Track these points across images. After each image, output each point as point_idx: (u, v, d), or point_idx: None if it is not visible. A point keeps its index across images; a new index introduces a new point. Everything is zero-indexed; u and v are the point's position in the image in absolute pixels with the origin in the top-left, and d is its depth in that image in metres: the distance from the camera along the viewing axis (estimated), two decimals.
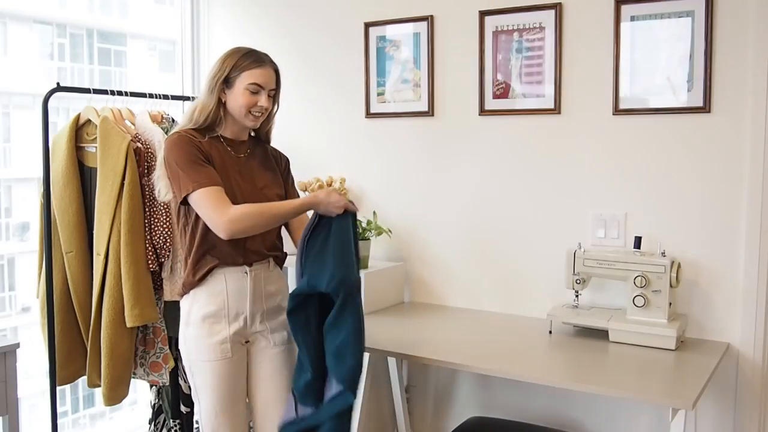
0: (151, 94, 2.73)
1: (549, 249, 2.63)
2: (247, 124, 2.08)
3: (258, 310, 2.11)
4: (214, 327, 2.05)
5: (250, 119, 2.07)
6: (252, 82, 2.02)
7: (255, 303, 2.10)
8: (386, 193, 3.01)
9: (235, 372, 2.09)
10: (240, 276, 2.07)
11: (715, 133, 2.33)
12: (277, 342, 2.16)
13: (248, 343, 2.13)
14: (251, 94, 2.03)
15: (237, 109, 2.05)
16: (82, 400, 3.79)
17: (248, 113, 2.05)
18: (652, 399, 1.91)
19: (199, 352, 2.06)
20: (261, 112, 2.07)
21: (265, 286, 2.12)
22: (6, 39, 3.61)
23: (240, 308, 2.08)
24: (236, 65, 2.03)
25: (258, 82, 2.03)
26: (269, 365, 2.15)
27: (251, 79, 2.02)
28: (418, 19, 2.85)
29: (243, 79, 2.02)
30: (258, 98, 2.04)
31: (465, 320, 2.68)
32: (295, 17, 3.20)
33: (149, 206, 2.45)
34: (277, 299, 2.16)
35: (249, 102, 2.03)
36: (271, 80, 2.07)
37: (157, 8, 3.88)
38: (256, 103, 2.04)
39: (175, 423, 2.82)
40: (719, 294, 2.36)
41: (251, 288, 2.08)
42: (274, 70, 2.10)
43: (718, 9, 2.28)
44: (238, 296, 2.07)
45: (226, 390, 2.07)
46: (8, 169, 3.52)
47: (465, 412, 2.85)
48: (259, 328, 2.12)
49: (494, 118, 2.73)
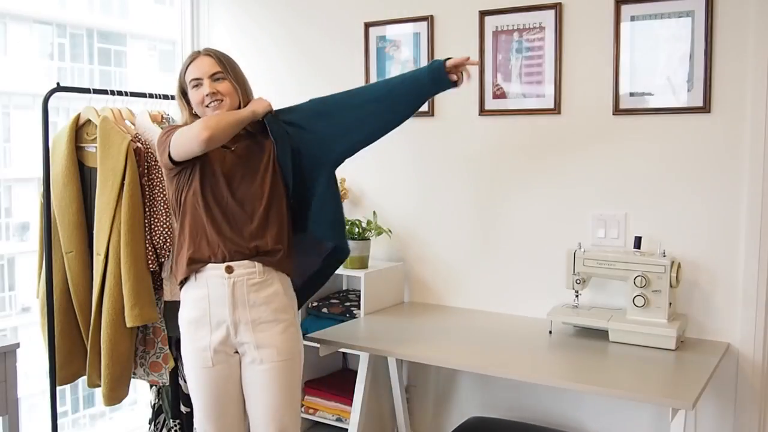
0: (151, 94, 2.73)
1: (549, 249, 2.63)
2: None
3: (241, 319, 2.01)
4: (198, 333, 2.03)
5: (210, 111, 2.04)
6: (191, 79, 2.05)
7: (236, 311, 2.00)
8: (386, 193, 3.01)
9: (220, 382, 2.03)
10: (221, 281, 2.00)
11: (715, 133, 2.33)
12: (264, 359, 2.02)
13: (238, 354, 2.06)
14: (196, 90, 2.05)
15: (198, 110, 2.07)
16: (82, 400, 3.79)
17: (205, 108, 2.05)
18: (652, 399, 1.91)
19: (186, 357, 2.07)
20: (213, 98, 2.03)
21: (249, 293, 2.00)
22: (6, 39, 3.61)
23: (222, 316, 2.01)
24: (181, 77, 2.09)
25: (194, 76, 2.05)
26: (256, 382, 2.04)
27: (189, 77, 2.06)
28: (418, 19, 2.85)
29: (186, 81, 2.07)
30: (202, 90, 2.04)
31: (465, 320, 2.68)
32: (295, 17, 3.20)
33: (149, 206, 2.45)
34: (267, 309, 2.02)
35: (197, 97, 2.05)
36: (206, 66, 2.05)
37: (157, 8, 3.88)
38: (203, 96, 2.04)
39: (175, 423, 2.82)
40: (719, 294, 2.36)
41: (230, 294, 1.99)
42: (211, 56, 2.06)
43: (718, 9, 2.28)
44: (219, 303, 2.01)
45: (210, 399, 2.04)
46: (8, 169, 3.51)
47: (465, 412, 2.85)
48: (245, 340, 2.02)
49: (494, 118, 2.73)
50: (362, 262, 2.81)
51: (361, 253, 2.80)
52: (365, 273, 2.75)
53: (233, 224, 2.02)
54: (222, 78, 2.05)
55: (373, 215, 2.95)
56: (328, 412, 2.83)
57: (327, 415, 2.84)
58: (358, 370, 2.57)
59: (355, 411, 2.55)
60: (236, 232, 2.01)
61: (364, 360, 2.56)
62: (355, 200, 3.08)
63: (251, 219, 2.03)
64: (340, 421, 2.79)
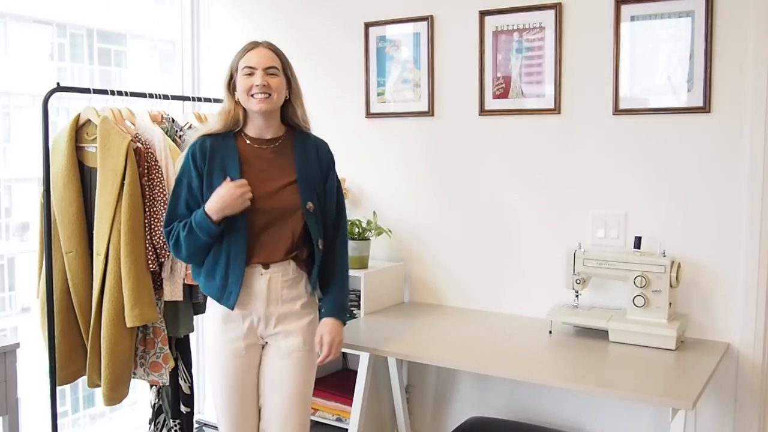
0: (151, 94, 2.73)
1: (549, 249, 2.63)
2: (254, 108, 2.04)
3: (273, 313, 2.08)
4: (229, 325, 2.07)
5: (254, 103, 2.03)
6: (245, 66, 2.03)
7: (269, 306, 2.07)
8: (386, 193, 3.01)
9: (246, 369, 2.09)
10: (256, 277, 2.05)
11: (715, 133, 2.33)
12: (290, 349, 2.10)
13: (264, 345, 2.13)
14: (247, 77, 2.03)
15: (242, 98, 2.05)
16: (82, 400, 3.78)
17: (250, 97, 2.03)
18: (652, 399, 1.91)
19: (215, 349, 2.09)
20: (261, 91, 2.02)
21: (283, 289, 2.08)
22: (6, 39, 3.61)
23: (255, 310, 2.07)
24: (234, 62, 2.07)
25: (249, 65, 2.03)
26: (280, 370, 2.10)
27: (243, 63, 2.04)
28: (418, 19, 2.85)
29: (240, 68, 2.05)
30: (253, 79, 2.02)
31: (465, 320, 2.68)
32: (295, 17, 3.20)
33: (149, 206, 2.45)
34: (296, 304, 2.11)
35: (245, 85, 2.03)
36: (265, 58, 2.03)
37: (157, 8, 3.88)
38: (252, 85, 2.02)
39: (175, 423, 2.82)
40: (719, 294, 2.36)
41: (266, 290, 2.06)
42: (270, 49, 2.06)
43: (718, 9, 2.28)
44: (253, 297, 2.06)
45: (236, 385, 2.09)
46: (8, 169, 3.51)
47: (465, 412, 2.85)
48: (274, 331, 2.10)
49: (494, 118, 2.73)
50: (362, 262, 2.81)
51: (361, 253, 2.80)
52: (365, 273, 2.75)
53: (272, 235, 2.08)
54: (275, 74, 2.05)
55: (373, 215, 2.95)
56: (328, 412, 2.83)
57: (327, 415, 2.84)
58: (358, 370, 2.57)
59: (355, 411, 2.55)
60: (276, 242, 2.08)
61: (364, 360, 2.56)
62: (355, 200, 3.08)
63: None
64: (340, 421, 2.79)
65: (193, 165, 2.06)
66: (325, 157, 2.19)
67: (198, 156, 2.06)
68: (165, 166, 2.51)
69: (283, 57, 2.09)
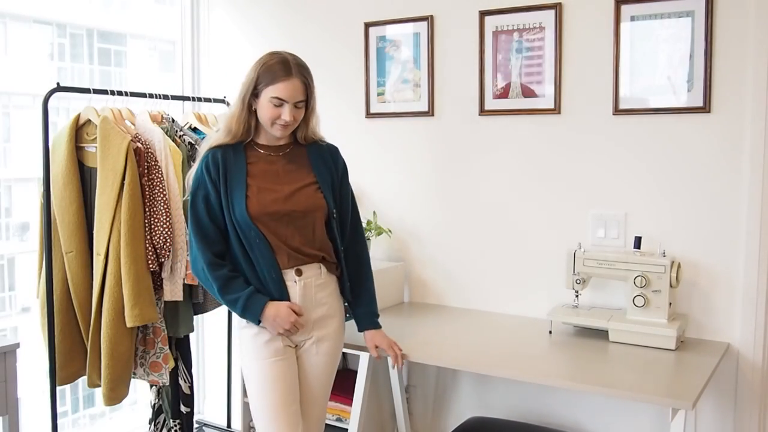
0: (151, 94, 2.73)
1: (549, 249, 2.63)
2: (275, 134, 2.06)
3: (309, 318, 2.10)
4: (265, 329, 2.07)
5: (277, 130, 2.04)
6: (274, 96, 1.99)
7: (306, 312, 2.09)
8: (386, 193, 3.01)
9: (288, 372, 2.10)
10: (291, 284, 2.07)
11: (715, 133, 2.33)
12: (320, 351, 2.14)
13: (297, 348, 2.14)
14: (275, 107, 2.00)
15: (263, 119, 2.05)
16: (82, 400, 3.78)
17: (273, 124, 2.03)
18: (652, 399, 1.91)
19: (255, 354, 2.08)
20: (286, 124, 2.03)
21: (316, 294, 2.10)
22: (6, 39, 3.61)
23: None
24: (262, 77, 2.01)
25: (281, 96, 1.98)
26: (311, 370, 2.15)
27: (274, 93, 1.98)
28: (418, 19, 2.85)
29: (267, 92, 1.99)
30: (281, 111, 2.00)
31: (465, 320, 2.68)
32: (294, 17, 3.20)
33: (149, 206, 2.45)
34: (326, 308, 2.14)
35: (273, 115, 2.01)
36: (296, 92, 2.00)
37: (157, 8, 3.88)
38: (279, 116, 2.01)
39: (175, 423, 2.82)
40: (719, 294, 2.36)
41: (301, 295, 2.07)
42: (302, 82, 2.01)
43: (718, 9, 2.28)
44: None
45: (283, 389, 2.08)
46: (8, 169, 3.51)
47: (465, 412, 2.85)
48: (309, 335, 2.12)
49: (494, 118, 2.73)
50: None
51: None
52: None
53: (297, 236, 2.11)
54: (302, 106, 2.05)
55: (373, 215, 2.95)
56: (329, 412, 2.83)
57: (327, 415, 2.83)
58: (358, 370, 2.56)
59: (355, 411, 2.55)
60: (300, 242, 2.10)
61: (364, 360, 2.56)
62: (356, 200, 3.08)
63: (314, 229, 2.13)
64: (340, 421, 2.79)
65: (207, 177, 2.05)
66: (340, 162, 2.22)
67: (212, 168, 2.06)
68: (165, 166, 2.51)
69: (311, 84, 2.06)
